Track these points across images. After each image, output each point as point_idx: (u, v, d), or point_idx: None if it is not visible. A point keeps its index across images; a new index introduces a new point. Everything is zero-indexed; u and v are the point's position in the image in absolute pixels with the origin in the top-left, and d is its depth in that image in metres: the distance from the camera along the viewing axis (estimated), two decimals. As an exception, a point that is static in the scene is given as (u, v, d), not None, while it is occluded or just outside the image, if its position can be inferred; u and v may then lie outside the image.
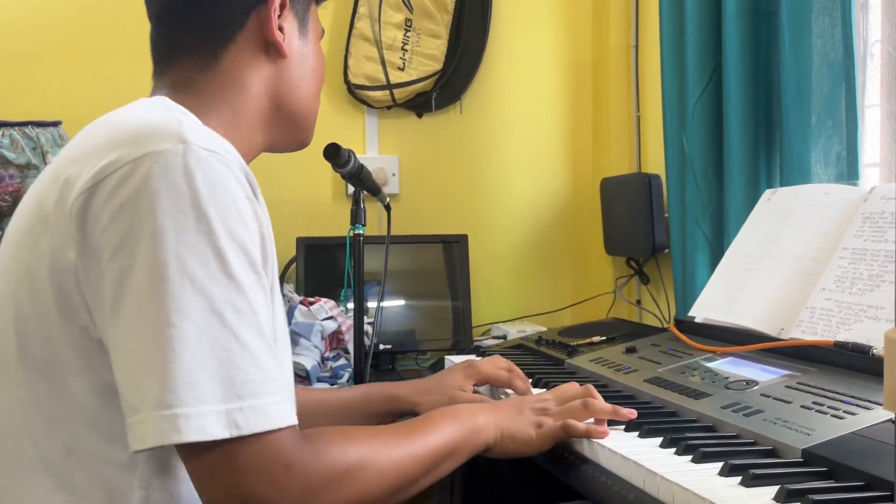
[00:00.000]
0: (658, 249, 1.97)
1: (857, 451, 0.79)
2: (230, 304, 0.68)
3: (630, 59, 2.25)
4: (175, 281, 0.66)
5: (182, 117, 0.76)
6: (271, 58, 0.91)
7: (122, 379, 0.68)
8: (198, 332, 0.66)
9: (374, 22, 2.15)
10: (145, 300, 0.67)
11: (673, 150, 1.86)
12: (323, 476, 0.71)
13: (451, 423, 0.90)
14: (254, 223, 0.73)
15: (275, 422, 0.69)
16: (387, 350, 1.98)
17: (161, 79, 0.90)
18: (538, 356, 1.51)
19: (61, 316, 0.72)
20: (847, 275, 1.16)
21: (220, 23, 0.88)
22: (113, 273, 0.68)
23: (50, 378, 0.73)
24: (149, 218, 0.67)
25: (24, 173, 1.67)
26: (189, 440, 0.65)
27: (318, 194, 2.18)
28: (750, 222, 1.43)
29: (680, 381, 1.12)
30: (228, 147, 0.75)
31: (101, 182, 0.69)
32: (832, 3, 1.41)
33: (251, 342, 0.69)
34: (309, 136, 1.01)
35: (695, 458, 0.82)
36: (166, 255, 0.67)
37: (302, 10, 0.94)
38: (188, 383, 0.65)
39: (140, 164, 0.69)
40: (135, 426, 0.66)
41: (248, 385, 0.68)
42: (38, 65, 1.98)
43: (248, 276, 0.71)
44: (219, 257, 0.69)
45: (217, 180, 0.70)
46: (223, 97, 0.88)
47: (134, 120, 0.75)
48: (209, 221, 0.69)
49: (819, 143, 1.45)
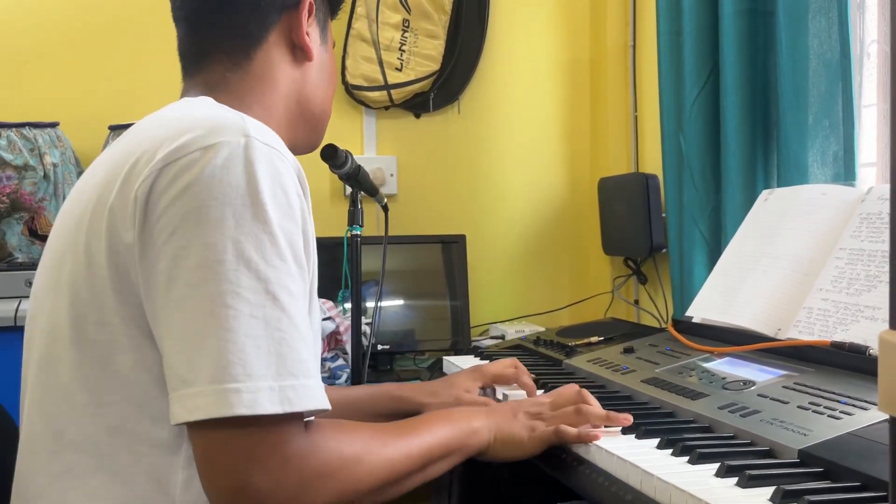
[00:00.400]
0: (656, 249, 1.97)
1: (853, 451, 0.79)
2: (283, 287, 0.71)
3: (627, 58, 2.25)
4: (231, 263, 0.69)
5: (243, 115, 0.79)
6: (298, 60, 0.94)
7: (173, 354, 0.70)
8: (252, 311, 0.69)
9: (371, 22, 2.15)
10: (201, 280, 0.69)
11: (670, 150, 1.86)
12: (318, 470, 0.72)
13: (446, 424, 0.91)
14: (300, 220, 0.76)
15: (320, 402, 0.72)
16: (385, 350, 1.98)
17: (193, 79, 0.92)
18: (536, 356, 1.52)
19: (117, 298, 0.74)
20: (844, 275, 1.16)
21: (254, 23, 0.90)
22: (168, 253, 0.70)
23: (102, 358, 0.75)
24: (209, 203, 0.70)
25: (22, 174, 1.67)
26: (243, 413, 0.66)
27: (317, 195, 2.18)
28: (747, 222, 1.43)
29: (677, 381, 1.12)
30: (284, 146, 0.79)
31: (169, 166, 0.72)
32: (829, 4, 1.42)
33: (301, 324, 0.72)
34: (322, 136, 1.05)
35: (691, 459, 0.83)
36: (224, 239, 0.69)
37: (323, 19, 0.98)
38: (243, 361, 0.68)
39: (206, 153, 0.72)
40: (187, 399, 0.68)
41: (301, 364, 0.71)
42: (35, 66, 1.98)
43: (295, 267, 0.74)
44: (273, 244, 0.71)
45: (275, 174, 0.74)
46: (256, 97, 0.91)
47: (199, 114, 0.79)
48: (265, 211, 0.72)
49: (816, 142, 1.45)
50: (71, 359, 0.76)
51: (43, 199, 1.70)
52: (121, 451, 0.75)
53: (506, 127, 2.32)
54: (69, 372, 0.77)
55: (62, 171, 1.74)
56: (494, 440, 0.95)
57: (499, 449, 0.95)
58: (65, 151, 1.79)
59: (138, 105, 1.67)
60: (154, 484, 0.74)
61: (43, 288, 0.83)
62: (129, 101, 1.98)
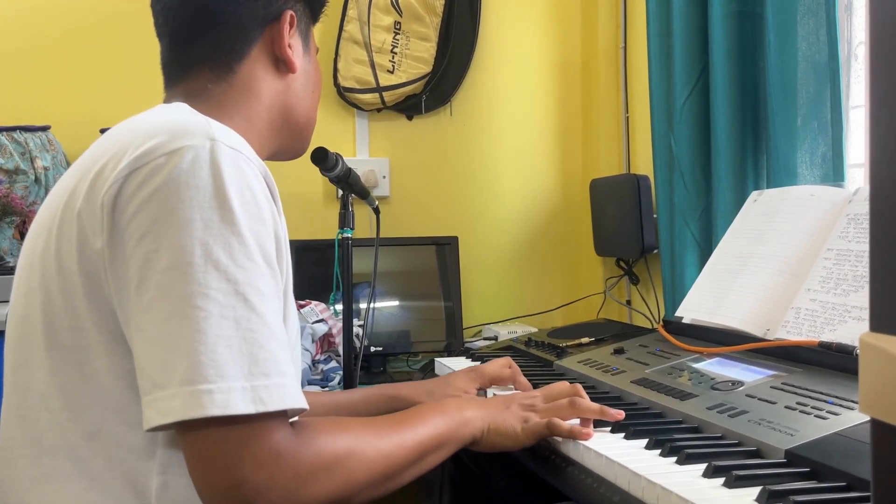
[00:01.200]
0: (647, 250, 1.98)
1: (838, 451, 0.80)
2: (253, 287, 0.72)
3: (619, 60, 2.26)
4: (200, 265, 0.70)
5: (208, 119, 0.79)
6: (281, 72, 0.96)
7: (145, 358, 0.70)
8: (222, 312, 0.69)
9: (363, 25, 2.15)
10: (171, 283, 0.69)
11: (661, 152, 1.87)
12: (312, 465, 0.73)
13: (439, 415, 0.92)
14: (270, 221, 0.76)
15: (295, 401, 0.72)
16: (378, 352, 1.98)
17: (174, 89, 0.94)
18: (528, 357, 1.52)
19: (89, 304, 0.74)
20: (832, 276, 1.17)
21: (236, 39, 0.92)
22: (138, 258, 0.71)
23: (77, 363, 0.76)
24: (176, 206, 0.71)
25: (13, 178, 1.67)
26: (215, 414, 0.66)
27: (309, 197, 2.18)
28: (736, 223, 1.43)
29: (667, 382, 1.13)
30: (251, 148, 0.79)
31: (135, 172, 0.73)
32: (817, 6, 1.43)
33: (273, 323, 0.72)
34: (307, 144, 1.07)
35: (679, 459, 0.83)
36: (192, 242, 0.70)
37: (305, 28, 1.00)
38: (214, 361, 0.68)
39: (172, 157, 0.72)
40: (159, 402, 0.68)
41: (273, 364, 0.71)
42: (26, 69, 1.98)
43: (265, 267, 0.74)
44: (242, 245, 0.72)
45: (241, 176, 0.74)
46: (237, 107, 0.92)
47: (165, 118, 0.79)
48: (233, 212, 0.72)
49: (805, 143, 1.46)
50: (46, 364, 0.77)
51: (34, 203, 1.70)
52: (98, 456, 0.75)
53: (498, 129, 2.32)
54: (44, 377, 0.77)
55: (53, 174, 1.74)
56: (487, 430, 0.95)
57: (491, 439, 0.96)
58: (56, 155, 1.79)
59: (129, 109, 1.66)
60: (131, 489, 0.75)
61: (17, 293, 0.84)
62: (120, 104, 1.96)
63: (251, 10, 0.92)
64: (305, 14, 1.00)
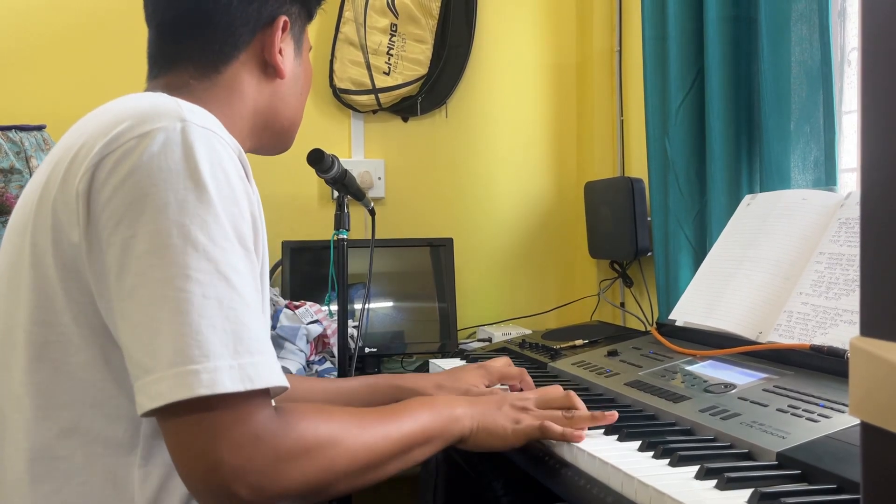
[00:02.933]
0: (641, 252, 1.99)
1: (829, 454, 0.80)
2: (232, 267, 0.71)
3: (614, 63, 2.27)
4: (178, 247, 0.69)
5: (178, 101, 0.78)
6: (269, 76, 0.95)
7: (132, 344, 0.70)
8: (204, 292, 0.69)
9: (359, 26, 2.16)
10: (151, 267, 0.69)
11: (656, 155, 1.88)
12: (291, 449, 0.72)
13: (427, 410, 0.91)
14: (245, 202, 0.76)
15: (279, 379, 0.72)
16: (372, 353, 1.99)
17: (156, 80, 0.93)
18: (522, 359, 1.53)
19: (67, 297, 0.74)
20: (823, 279, 1.17)
21: (226, 42, 0.91)
22: (116, 245, 0.70)
23: (54, 361, 0.75)
24: (150, 190, 0.70)
25: (8, 178, 1.66)
26: (203, 394, 0.66)
27: (304, 198, 2.19)
28: (730, 227, 1.44)
29: (660, 384, 1.14)
30: (223, 127, 0.78)
31: (106, 157, 0.72)
32: (810, 12, 1.44)
33: (252, 302, 0.72)
34: (291, 142, 1.05)
35: (672, 461, 0.84)
36: (169, 224, 0.69)
37: (299, 31, 0.99)
38: (199, 342, 0.67)
39: (142, 140, 0.72)
40: (148, 386, 0.68)
41: (257, 342, 0.71)
42: (22, 68, 1.98)
43: (240, 248, 0.73)
44: (218, 224, 0.71)
45: (214, 156, 0.73)
46: (218, 105, 0.90)
47: (134, 103, 0.78)
48: (208, 192, 0.71)
49: (798, 148, 1.47)
50: (22, 364, 0.76)
51: (29, 203, 1.70)
52: (76, 453, 0.75)
53: (493, 131, 2.33)
54: (21, 376, 0.76)
55: (49, 174, 1.73)
56: (477, 428, 0.94)
57: (480, 438, 0.95)
58: (51, 154, 1.79)
59: (125, 108, 1.67)
60: (110, 484, 0.75)
61: None
62: (116, 103, 1.98)
63: (244, 15, 0.91)
64: (301, 16, 0.98)
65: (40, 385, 0.76)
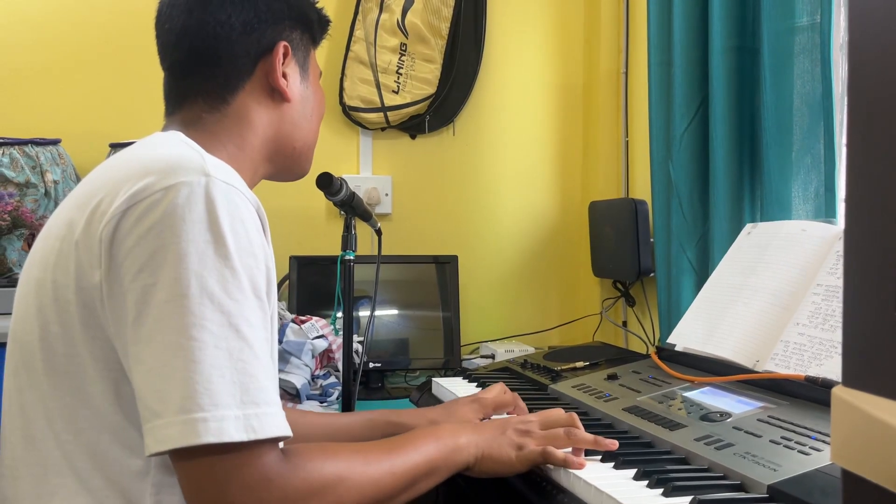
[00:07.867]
0: (644, 273, 2.01)
1: (818, 488, 0.82)
2: (245, 319, 0.75)
3: (620, 85, 2.30)
4: (196, 298, 0.72)
5: (202, 153, 0.82)
6: (276, 101, 0.99)
7: (144, 388, 0.73)
8: (216, 343, 0.72)
9: (369, 45, 2.19)
10: (167, 315, 0.72)
11: (659, 178, 1.90)
12: (301, 490, 0.75)
13: (432, 441, 0.93)
14: (261, 254, 0.79)
15: (283, 430, 0.75)
16: (376, 368, 2.01)
17: (172, 117, 0.98)
18: (523, 380, 1.55)
19: (85, 332, 0.78)
20: (820, 311, 1.20)
21: (231, 73, 0.96)
22: (136, 291, 0.74)
23: (73, 388, 0.79)
24: (173, 241, 0.74)
25: (23, 192, 1.70)
26: (210, 441, 0.69)
27: (312, 213, 2.22)
28: (730, 254, 1.47)
29: (657, 410, 1.16)
30: (243, 182, 0.82)
31: (132, 207, 0.76)
32: (812, 44, 1.46)
33: (261, 354, 0.75)
34: (307, 167, 1.09)
35: (666, 491, 0.86)
36: (188, 275, 0.73)
37: (303, 57, 1.02)
38: (208, 390, 0.71)
39: (168, 193, 0.75)
40: (157, 430, 0.71)
41: (263, 393, 0.74)
42: (37, 83, 2.01)
43: (254, 300, 0.77)
44: (235, 278, 0.75)
45: (235, 211, 0.77)
46: (230, 135, 0.95)
47: (161, 153, 0.82)
48: (227, 246, 0.75)
49: (798, 178, 1.50)
50: (45, 388, 0.80)
51: (44, 217, 1.73)
52: (98, 475, 0.78)
53: (499, 149, 2.36)
54: (46, 401, 0.80)
55: (63, 188, 1.77)
56: (481, 456, 0.96)
57: (485, 466, 0.97)
58: (66, 168, 1.82)
59: (139, 123, 1.71)
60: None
61: (16, 317, 0.87)
62: (129, 118, 2.02)
63: (244, 47, 0.96)
64: (304, 41, 1.02)
65: (64, 409, 0.79)
